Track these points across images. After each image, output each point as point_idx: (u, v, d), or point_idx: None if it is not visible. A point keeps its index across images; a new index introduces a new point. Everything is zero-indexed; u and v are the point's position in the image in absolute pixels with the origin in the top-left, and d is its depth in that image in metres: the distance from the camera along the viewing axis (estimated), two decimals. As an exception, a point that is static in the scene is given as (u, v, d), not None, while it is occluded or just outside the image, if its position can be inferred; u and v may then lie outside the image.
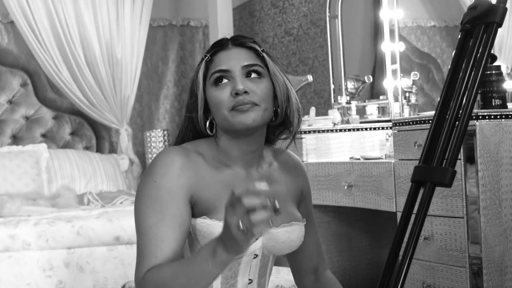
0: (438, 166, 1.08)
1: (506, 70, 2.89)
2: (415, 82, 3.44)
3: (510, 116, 2.34)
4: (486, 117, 2.32)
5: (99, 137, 4.78)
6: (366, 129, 3.42)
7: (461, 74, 1.13)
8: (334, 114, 3.48)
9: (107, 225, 3.33)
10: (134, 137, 4.90)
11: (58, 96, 4.65)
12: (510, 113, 2.35)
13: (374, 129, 3.43)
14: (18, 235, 3.21)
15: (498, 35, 1.15)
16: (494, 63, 1.78)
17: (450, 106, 1.12)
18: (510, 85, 2.80)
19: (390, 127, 3.30)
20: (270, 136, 1.61)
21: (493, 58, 1.16)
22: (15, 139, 4.53)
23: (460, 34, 1.18)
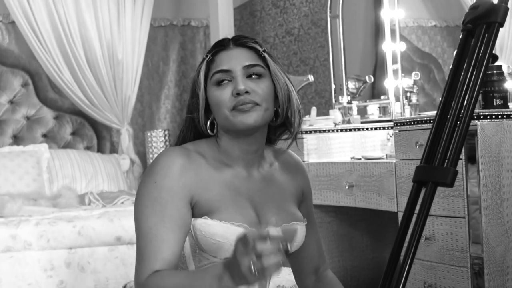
0: (439, 166, 1.08)
1: (508, 70, 2.89)
2: (416, 82, 3.44)
3: (511, 116, 2.34)
4: (488, 117, 2.31)
5: (100, 137, 4.78)
6: (367, 129, 3.42)
7: (462, 74, 1.13)
8: (335, 114, 3.48)
9: (108, 225, 3.33)
10: (135, 137, 4.90)
11: (59, 96, 4.65)
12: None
13: (375, 129, 3.43)
14: (19, 235, 3.21)
15: (499, 35, 1.15)
16: (495, 63, 1.78)
17: (452, 106, 1.12)
18: (511, 85, 2.79)
19: (391, 127, 3.29)
20: (271, 136, 1.61)
21: (494, 58, 1.15)
22: (16, 139, 4.53)
23: (461, 34, 1.18)
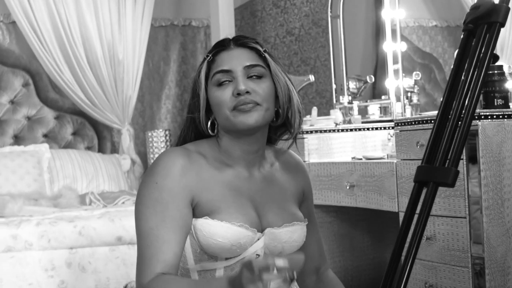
0: (441, 166, 1.08)
1: (508, 70, 2.88)
2: (417, 82, 3.44)
3: (512, 116, 2.34)
4: (489, 117, 2.31)
5: (101, 137, 4.78)
6: (368, 129, 3.42)
7: (463, 74, 1.13)
8: (336, 114, 3.48)
9: (109, 225, 3.33)
10: (136, 137, 4.90)
11: (60, 96, 4.65)
12: (513, 113, 2.35)
13: (376, 129, 3.43)
14: (20, 235, 3.21)
15: (500, 35, 1.15)
16: (496, 63, 1.78)
17: (453, 106, 1.12)
18: (512, 85, 2.79)
19: (392, 127, 3.29)
20: (272, 136, 1.61)
21: (495, 58, 1.15)
22: (17, 139, 4.53)
23: (462, 34, 1.18)
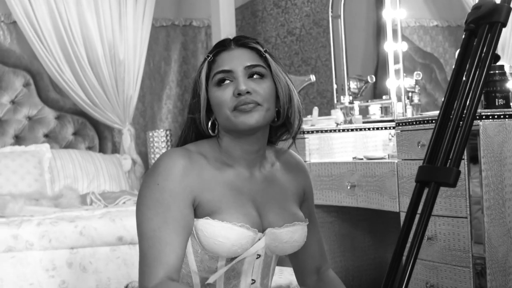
0: (442, 166, 1.08)
1: (510, 70, 2.88)
2: (418, 82, 3.44)
3: (513, 116, 2.34)
4: (490, 117, 2.31)
5: (102, 137, 4.78)
6: (369, 129, 3.41)
7: (465, 74, 1.13)
8: (337, 114, 3.48)
9: (110, 225, 3.33)
10: (137, 137, 4.90)
11: (60, 96, 4.65)
12: (514, 113, 2.35)
13: (377, 129, 3.43)
14: (21, 235, 3.21)
15: (501, 35, 1.15)
16: (498, 63, 1.78)
17: (454, 106, 1.12)
18: (513, 84, 2.79)
19: (393, 127, 3.29)
20: (272, 136, 1.61)
21: (496, 57, 1.15)
22: (18, 139, 4.53)
23: (464, 33, 1.18)
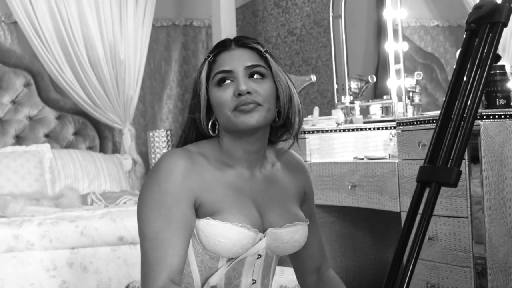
0: (443, 166, 1.08)
1: (510, 70, 2.88)
2: (419, 82, 3.44)
3: (514, 115, 2.34)
4: (491, 116, 2.31)
5: (102, 137, 4.78)
6: (370, 129, 3.41)
7: (466, 74, 1.13)
8: (338, 114, 3.48)
9: (111, 225, 3.33)
10: (137, 137, 4.90)
11: (61, 96, 4.66)
12: (515, 112, 2.35)
13: (378, 129, 3.43)
14: (22, 235, 3.21)
15: (502, 35, 1.15)
16: (498, 63, 1.78)
17: (455, 106, 1.11)
18: (514, 84, 2.79)
19: (394, 127, 3.29)
20: (272, 136, 1.61)
21: (497, 57, 1.15)
22: (19, 139, 4.53)
23: (465, 33, 1.17)
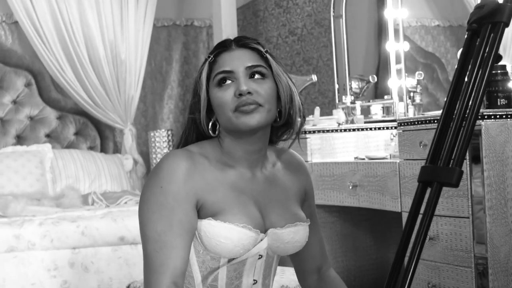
0: (445, 166, 1.08)
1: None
2: (420, 81, 3.43)
3: (515, 115, 2.34)
4: (492, 116, 2.31)
5: (103, 137, 4.78)
6: (371, 129, 3.41)
7: (467, 74, 1.13)
8: (339, 114, 3.48)
9: (112, 225, 3.33)
10: (138, 137, 4.90)
11: (62, 96, 4.66)
12: (516, 112, 2.34)
13: (379, 129, 3.43)
14: (23, 235, 3.21)
15: (504, 35, 1.15)
16: (500, 63, 1.77)
17: (457, 106, 1.11)
18: (515, 84, 2.78)
19: (395, 127, 3.29)
20: (273, 136, 1.61)
21: (498, 57, 1.15)
22: (20, 139, 4.53)
23: (466, 33, 1.17)
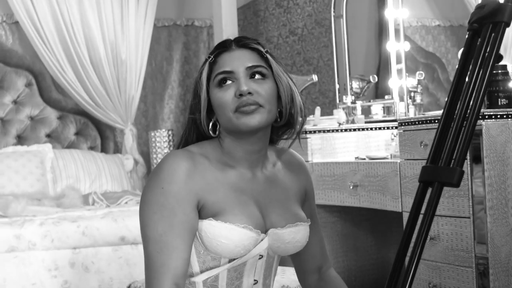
0: (446, 166, 1.07)
1: (512, 70, 2.88)
2: (420, 81, 3.43)
3: (516, 115, 2.34)
4: (492, 116, 2.31)
5: (104, 137, 4.78)
6: (371, 129, 3.41)
7: (468, 74, 1.13)
8: (339, 114, 3.48)
9: (112, 225, 3.33)
10: (139, 137, 4.90)
11: (62, 96, 4.66)
12: (516, 112, 2.34)
13: (380, 129, 3.43)
14: (24, 235, 3.21)
15: (505, 35, 1.15)
16: (500, 63, 1.77)
17: (458, 106, 1.11)
18: (516, 84, 2.78)
19: (396, 127, 3.29)
20: (273, 136, 1.61)
21: (499, 57, 1.15)
22: (20, 139, 4.53)
23: (467, 33, 1.17)
